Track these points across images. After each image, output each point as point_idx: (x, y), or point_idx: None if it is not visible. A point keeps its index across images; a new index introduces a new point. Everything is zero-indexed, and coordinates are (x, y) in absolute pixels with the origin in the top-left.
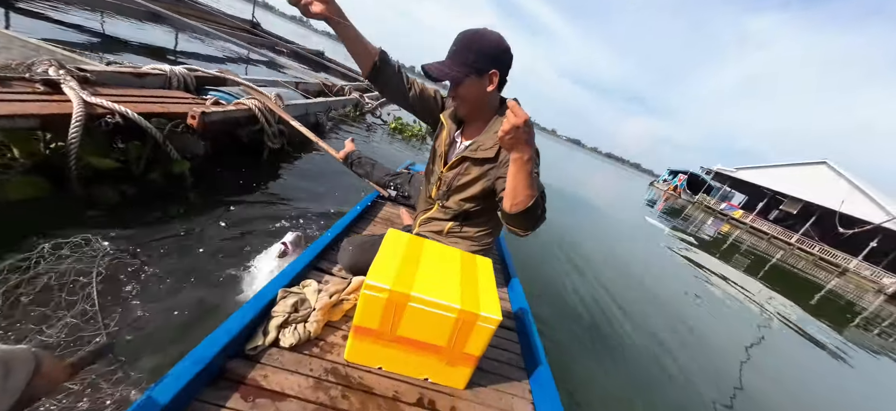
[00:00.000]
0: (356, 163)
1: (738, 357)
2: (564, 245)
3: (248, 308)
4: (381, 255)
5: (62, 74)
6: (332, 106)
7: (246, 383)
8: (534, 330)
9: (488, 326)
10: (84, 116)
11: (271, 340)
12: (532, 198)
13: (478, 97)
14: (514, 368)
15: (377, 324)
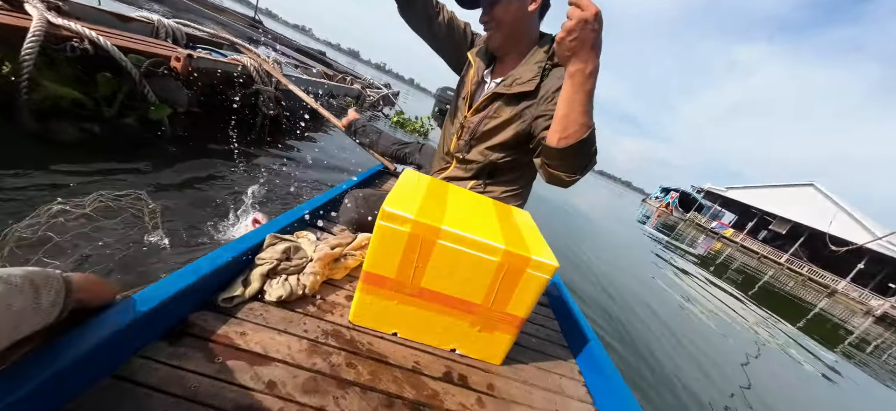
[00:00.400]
0: (360, 131)
1: (728, 373)
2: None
3: (224, 251)
4: (398, 190)
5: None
6: (333, 90)
7: (213, 340)
8: (575, 307)
9: (542, 275)
10: (43, 34)
11: (253, 291)
12: (588, 129)
13: (517, 20)
14: (557, 346)
15: (395, 271)
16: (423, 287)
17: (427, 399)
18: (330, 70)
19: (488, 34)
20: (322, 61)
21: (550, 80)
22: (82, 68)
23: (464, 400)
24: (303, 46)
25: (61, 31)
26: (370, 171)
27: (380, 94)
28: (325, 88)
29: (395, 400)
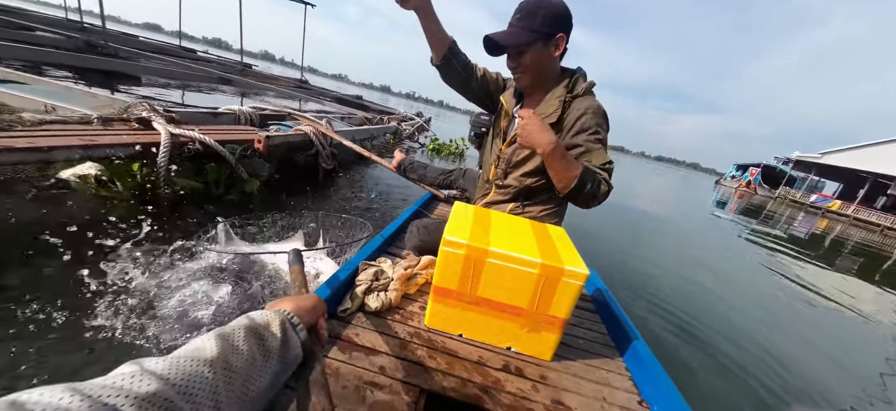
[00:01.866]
0: (408, 169)
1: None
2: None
3: (336, 276)
4: (452, 221)
5: (152, 114)
6: (373, 133)
7: (342, 339)
8: (620, 311)
9: (575, 282)
10: (170, 144)
11: (358, 305)
12: (574, 178)
13: (543, 65)
14: (603, 347)
15: (456, 284)
16: (480, 296)
17: (492, 384)
18: (368, 112)
19: (516, 77)
20: (360, 105)
21: (571, 111)
22: (196, 163)
23: (521, 386)
24: (342, 95)
25: (180, 138)
26: (422, 200)
27: (414, 126)
28: (368, 133)
29: (468, 383)
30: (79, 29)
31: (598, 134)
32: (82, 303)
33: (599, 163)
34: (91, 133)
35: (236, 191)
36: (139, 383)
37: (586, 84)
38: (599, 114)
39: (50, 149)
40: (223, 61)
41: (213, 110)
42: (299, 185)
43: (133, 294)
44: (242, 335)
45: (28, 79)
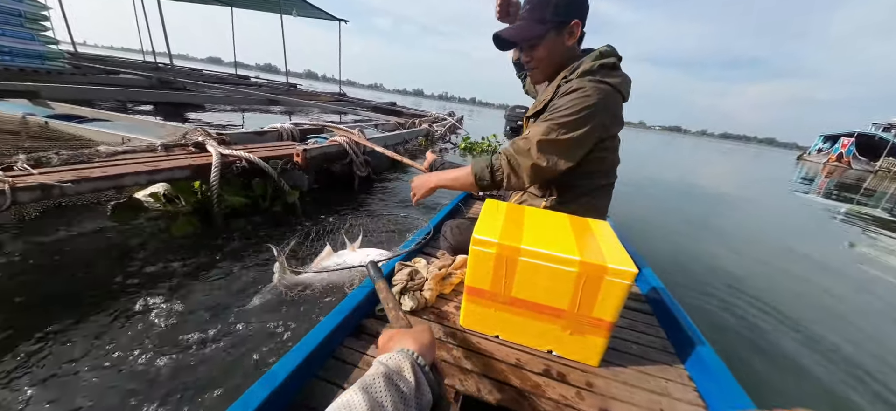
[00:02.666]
0: (439, 169)
1: None
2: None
3: (367, 283)
4: (483, 220)
5: (206, 138)
6: (406, 137)
7: (378, 336)
8: (681, 312)
9: (621, 281)
10: (220, 164)
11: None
12: (471, 183)
13: (558, 55)
14: (661, 352)
15: (489, 284)
16: (514, 296)
17: (531, 388)
18: (401, 117)
19: (530, 72)
20: (393, 111)
21: (560, 91)
22: (244, 179)
23: (564, 393)
24: (377, 104)
25: (229, 158)
26: (457, 199)
27: (446, 126)
28: (400, 138)
29: (505, 386)
30: (153, 69)
31: (556, 114)
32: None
33: (533, 135)
34: (155, 159)
35: (280, 202)
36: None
37: (586, 66)
38: (575, 96)
39: (119, 176)
40: (272, 84)
41: (260, 130)
42: (336, 194)
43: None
44: (383, 385)
45: (111, 116)
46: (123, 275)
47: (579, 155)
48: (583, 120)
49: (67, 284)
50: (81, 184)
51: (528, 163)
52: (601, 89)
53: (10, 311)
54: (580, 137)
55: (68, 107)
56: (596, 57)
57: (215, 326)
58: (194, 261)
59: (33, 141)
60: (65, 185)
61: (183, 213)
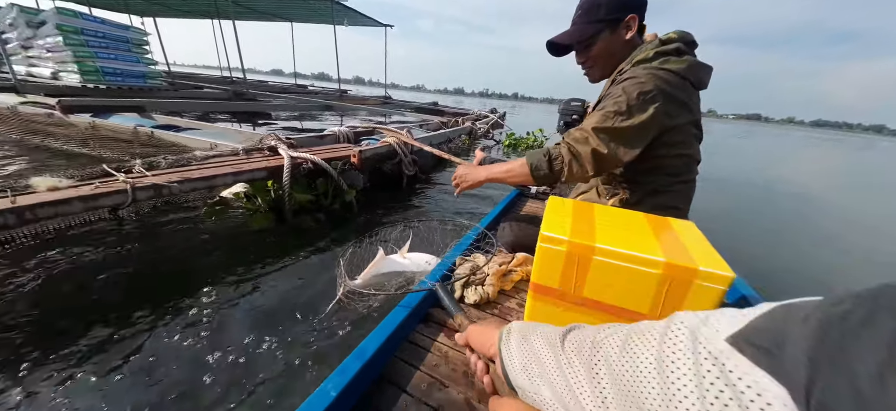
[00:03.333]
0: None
1: None
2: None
3: (434, 273)
4: (549, 217)
5: (278, 143)
6: (450, 135)
7: (447, 326)
8: None
9: (714, 286)
10: (291, 166)
11: (458, 296)
12: (526, 174)
13: (615, 52)
14: None
15: (557, 282)
16: (586, 296)
17: None
18: (444, 116)
19: (587, 73)
20: (436, 111)
21: (615, 82)
22: (309, 179)
23: None
24: (420, 104)
25: (298, 160)
26: (510, 197)
27: (488, 123)
28: (444, 137)
29: None
30: (229, 83)
31: (610, 102)
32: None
33: (588, 124)
34: (238, 162)
35: (339, 201)
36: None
37: (641, 55)
38: (628, 83)
39: (213, 177)
40: (325, 91)
41: (320, 133)
42: (386, 192)
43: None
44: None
45: (200, 125)
46: (214, 263)
47: (640, 144)
48: (639, 107)
49: (176, 265)
50: (184, 185)
51: (588, 150)
52: (658, 76)
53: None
54: (640, 125)
55: (166, 119)
56: (655, 45)
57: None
58: (270, 250)
59: (143, 148)
60: (172, 185)
61: (260, 210)
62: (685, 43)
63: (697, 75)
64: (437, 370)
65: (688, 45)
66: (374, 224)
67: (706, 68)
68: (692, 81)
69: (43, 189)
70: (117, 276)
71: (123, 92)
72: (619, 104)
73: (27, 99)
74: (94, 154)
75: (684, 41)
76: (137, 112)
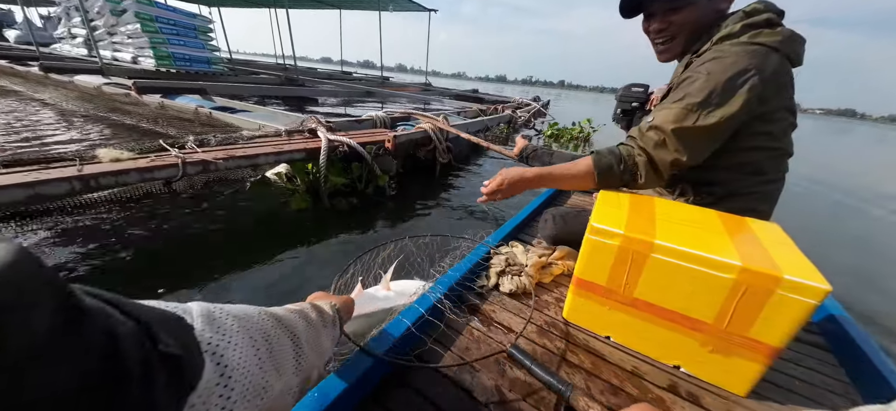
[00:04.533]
0: (532, 156)
1: None
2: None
3: (471, 257)
4: (600, 208)
5: (318, 126)
6: (488, 124)
7: (480, 312)
8: (876, 351)
9: (803, 299)
10: (328, 148)
11: (493, 284)
12: (591, 174)
13: (703, 24)
14: (841, 397)
15: (605, 279)
16: (637, 297)
17: (653, 401)
18: (483, 104)
19: (661, 47)
20: (476, 98)
21: (693, 64)
22: (345, 162)
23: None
24: (460, 92)
25: (335, 143)
26: (550, 191)
27: (530, 111)
28: (482, 124)
29: (619, 391)
30: (282, 69)
31: (692, 90)
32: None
33: (664, 122)
34: (280, 142)
35: (372, 186)
36: (271, 321)
37: (726, 32)
38: (713, 65)
39: (255, 155)
40: (369, 78)
41: (358, 118)
42: (419, 179)
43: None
44: (308, 307)
45: (253, 108)
46: (251, 239)
47: (724, 138)
48: (730, 92)
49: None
50: (229, 162)
51: (669, 158)
52: (751, 51)
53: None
54: (730, 116)
55: (224, 101)
56: (739, 18)
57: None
58: (302, 231)
59: (202, 127)
60: (218, 162)
61: (298, 191)
62: (775, 12)
63: (795, 49)
64: None
65: (778, 15)
66: (406, 211)
67: (801, 40)
68: (790, 56)
69: (107, 160)
70: (148, 246)
71: (190, 75)
72: (704, 91)
73: (110, 80)
74: (161, 131)
75: (773, 10)
76: (200, 94)
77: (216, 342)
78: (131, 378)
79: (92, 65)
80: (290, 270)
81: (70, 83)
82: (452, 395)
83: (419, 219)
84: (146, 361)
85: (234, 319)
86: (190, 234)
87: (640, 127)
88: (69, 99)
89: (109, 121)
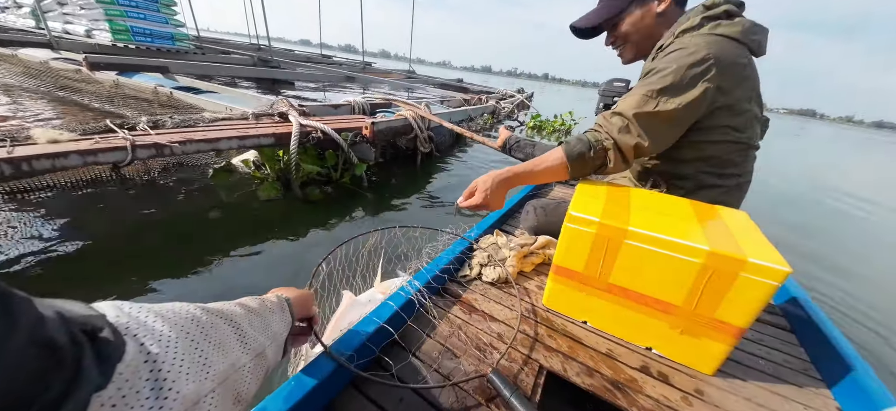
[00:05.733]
0: (515, 147)
1: None
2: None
3: (454, 248)
4: (579, 198)
5: (289, 109)
6: (472, 114)
7: (463, 301)
8: (833, 330)
9: (765, 281)
10: (299, 133)
11: (476, 274)
12: (560, 169)
13: (647, 27)
14: (800, 374)
15: (582, 266)
16: (612, 282)
17: (625, 381)
18: (467, 93)
19: (619, 54)
20: (460, 88)
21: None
22: (319, 149)
23: (666, 394)
24: (444, 81)
25: (307, 128)
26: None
27: (514, 103)
28: (465, 114)
29: (595, 372)
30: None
31: (653, 78)
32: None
33: (627, 107)
34: (245, 126)
35: (348, 174)
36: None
37: (686, 25)
38: (675, 55)
39: (217, 139)
40: (350, 62)
41: (335, 103)
42: (399, 169)
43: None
44: (246, 298)
45: (220, 89)
46: (213, 230)
47: (685, 126)
48: (690, 81)
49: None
50: (186, 145)
51: (631, 143)
52: (710, 41)
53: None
54: (689, 103)
55: (189, 81)
56: (699, 11)
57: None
58: (273, 223)
59: (162, 108)
60: (173, 145)
61: (268, 179)
62: (734, 3)
63: (756, 38)
64: None
65: (737, 7)
66: (386, 202)
67: (763, 30)
68: (750, 46)
69: (43, 141)
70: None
71: (151, 52)
72: (665, 80)
73: (60, 55)
74: (115, 111)
75: (732, 1)
76: (162, 73)
77: (133, 325)
78: (63, 352)
79: (40, 38)
80: (254, 265)
81: (13, 57)
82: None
83: (400, 210)
84: (73, 339)
85: (148, 310)
86: (141, 226)
87: (606, 114)
88: (13, 74)
89: (56, 98)
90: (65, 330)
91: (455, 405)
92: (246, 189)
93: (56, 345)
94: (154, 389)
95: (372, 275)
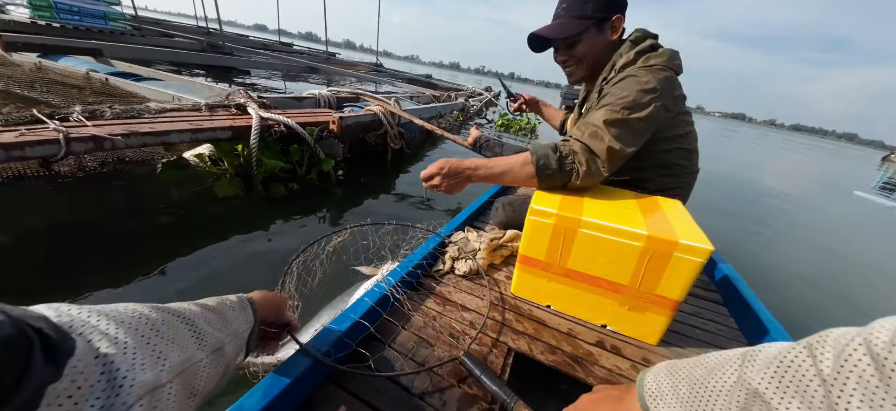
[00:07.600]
0: (485, 146)
1: None
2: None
3: (426, 245)
4: (539, 194)
5: (248, 101)
6: (441, 111)
7: (437, 294)
8: (757, 301)
9: (692, 258)
10: (260, 127)
11: (448, 268)
12: (529, 176)
13: (599, 52)
14: (731, 341)
15: (544, 254)
16: (570, 268)
17: (584, 355)
18: (437, 90)
19: (569, 71)
20: (429, 84)
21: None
22: (282, 144)
23: (618, 364)
24: (413, 76)
25: (269, 122)
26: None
27: (482, 101)
28: (435, 111)
29: (556, 350)
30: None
31: (617, 99)
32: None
33: (596, 119)
34: (199, 118)
35: (314, 170)
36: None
37: (623, 61)
38: (630, 82)
39: (166, 132)
40: (313, 52)
41: (298, 95)
42: (369, 166)
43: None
44: (206, 299)
45: (165, 76)
46: (163, 232)
47: (644, 139)
48: (646, 102)
49: (118, 231)
50: (131, 138)
51: (605, 146)
52: (652, 72)
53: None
54: (646, 117)
55: (127, 66)
56: (629, 47)
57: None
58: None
59: (95, 96)
60: (115, 138)
61: (226, 175)
62: (651, 36)
63: (677, 62)
64: None
65: (654, 38)
66: (355, 199)
67: (678, 55)
68: (675, 70)
69: None
70: (18, 245)
71: (80, 33)
72: (626, 100)
73: None
74: (39, 99)
75: (650, 35)
76: (93, 56)
77: (78, 324)
78: (14, 346)
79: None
80: (212, 271)
81: None
82: (399, 396)
83: (369, 208)
84: (23, 333)
85: (90, 310)
86: (78, 228)
87: (574, 130)
88: None
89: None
90: (12, 326)
91: (430, 388)
92: (201, 185)
93: (6, 340)
94: (109, 381)
95: (346, 273)
